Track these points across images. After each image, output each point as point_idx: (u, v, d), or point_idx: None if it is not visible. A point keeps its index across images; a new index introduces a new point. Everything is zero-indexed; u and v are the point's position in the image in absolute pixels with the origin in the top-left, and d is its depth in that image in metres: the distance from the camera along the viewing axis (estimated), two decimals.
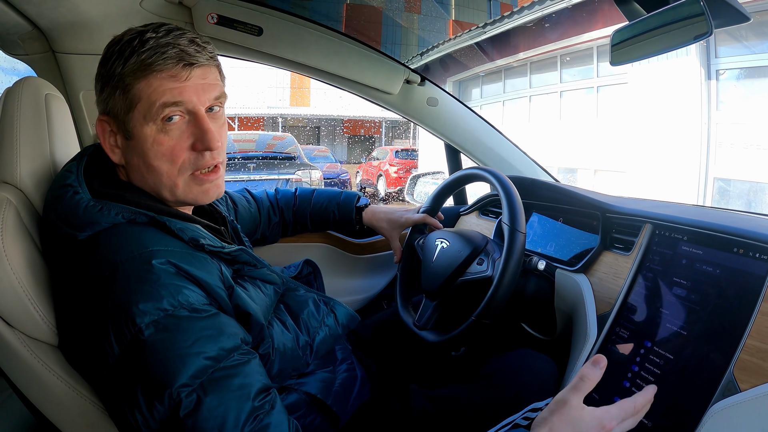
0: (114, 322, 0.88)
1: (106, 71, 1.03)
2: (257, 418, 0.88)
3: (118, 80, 1.01)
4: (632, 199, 1.60)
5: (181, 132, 1.05)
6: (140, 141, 1.03)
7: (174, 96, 1.02)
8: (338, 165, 15.94)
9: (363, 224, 1.86)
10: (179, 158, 1.05)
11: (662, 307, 1.11)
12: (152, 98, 1.01)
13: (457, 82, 14.88)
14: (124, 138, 1.05)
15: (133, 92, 1.01)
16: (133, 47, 1.00)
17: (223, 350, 0.91)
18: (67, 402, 1.00)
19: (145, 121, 1.02)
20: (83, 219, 0.98)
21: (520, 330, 1.70)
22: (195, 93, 1.04)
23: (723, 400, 0.89)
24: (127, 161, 1.08)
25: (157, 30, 1.02)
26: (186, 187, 1.09)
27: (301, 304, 1.26)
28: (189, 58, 1.03)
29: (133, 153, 1.05)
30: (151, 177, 1.07)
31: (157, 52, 1.00)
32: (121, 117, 1.03)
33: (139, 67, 1.00)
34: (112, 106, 1.03)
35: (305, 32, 1.99)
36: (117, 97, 1.02)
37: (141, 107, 1.02)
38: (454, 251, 1.48)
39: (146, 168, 1.06)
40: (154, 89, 1.01)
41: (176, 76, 1.02)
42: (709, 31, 1.16)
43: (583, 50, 10.34)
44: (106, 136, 1.06)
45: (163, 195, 1.09)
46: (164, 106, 1.01)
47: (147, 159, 1.04)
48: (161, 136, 1.03)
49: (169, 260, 0.94)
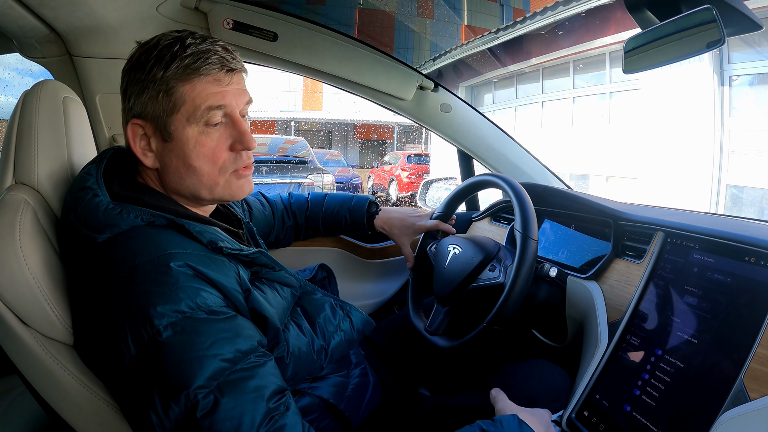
0: (131, 323, 0.89)
1: (143, 76, 1.04)
2: (273, 420, 0.88)
3: (160, 84, 1.03)
4: (644, 207, 1.60)
5: (221, 134, 1.09)
6: (182, 142, 1.07)
7: (218, 99, 1.06)
8: (350, 169, 16.00)
9: (375, 229, 1.86)
10: (219, 159, 1.09)
11: (673, 315, 1.11)
12: (197, 101, 1.05)
13: (469, 88, 14.86)
14: (162, 140, 1.07)
15: (176, 95, 1.04)
16: (173, 52, 1.03)
17: (239, 352, 0.92)
18: (81, 400, 1.02)
19: (188, 123, 1.06)
20: (102, 221, 0.99)
21: (531, 336, 1.70)
22: (234, 97, 1.09)
23: (732, 409, 0.89)
24: (164, 164, 1.09)
25: (193, 36, 1.06)
26: (226, 185, 1.13)
27: (317, 308, 1.27)
28: (229, 63, 1.08)
29: (172, 155, 1.08)
30: (190, 178, 1.09)
31: (201, 57, 1.04)
32: (162, 119, 1.05)
33: (184, 71, 1.03)
34: (151, 110, 1.05)
35: (320, 38, 2.00)
36: (159, 100, 1.04)
37: (185, 110, 1.05)
38: (467, 257, 1.48)
39: (186, 169, 1.08)
40: (198, 93, 1.05)
41: (219, 80, 1.07)
42: (722, 40, 1.16)
43: (596, 56, 10.31)
44: (138, 139, 1.08)
45: (200, 194, 1.12)
46: (209, 109, 1.06)
47: (188, 160, 1.07)
48: (203, 138, 1.07)
49: (187, 263, 0.95)
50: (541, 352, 1.65)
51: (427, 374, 1.62)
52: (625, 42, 1.40)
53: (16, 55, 1.87)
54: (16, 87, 5.25)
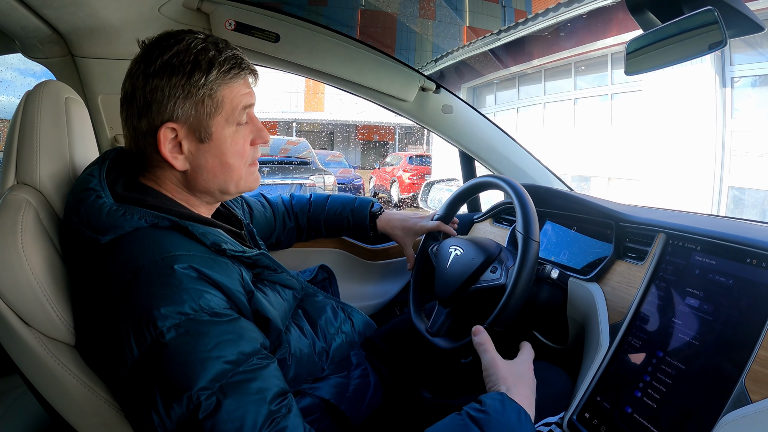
0: (134, 324, 0.89)
1: (185, 80, 1.06)
2: (274, 422, 0.89)
3: (204, 88, 1.07)
4: (646, 209, 1.60)
5: (246, 131, 1.17)
6: (221, 142, 1.12)
7: (249, 99, 1.15)
8: (352, 170, 15.97)
9: (377, 231, 1.86)
10: (245, 153, 1.17)
11: (675, 317, 1.11)
12: (235, 102, 1.12)
13: (471, 89, 14.85)
14: (199, 141, 1.10)
15: (217, 98, 1.09)
16: (210, 57, 1.08)
17: (242, 354, 0.92)
18: (82, 401, 1.02)
19: (227, 124, 1.12)
20: (106, 223, 0.99)
21: (533, 338, 1.69)
22: (254, 96, 1.18)
23: (734, 411, 0.89)
24: (197, 164, 1.12)
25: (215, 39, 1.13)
26: (247, 177, 1.19)
27: (319, 310, 1.27)
28: (251, 66, 1.16)
29: (208, 155, 1.12)
30: (224, 174, 1.15)
31: (235, 64, 1.11)
32: (204, 121, 1.09)
33: (225, 75, 1.10)
34: (192, 113, 1.08)
35: (322, 39, 2.00)
36: (204, 104, 1.08)
37: (225, 112, 1.11)
38: (468, 259, 1.48)
39: (221, 166, 1.14)
40: (235, 95, 1.12)
41: (248, 82, 1.17)
42: (724, 41, 1.16)
43: (598, 57, 10.30)
44: (168, 143, 1.08)
45: (228, 189, 1.17)
46: (244, 108, 1.14)
47: (225, 158, 1.13)
48: (236, 136, 1.14)
49: (191, 265, 0.95)
50: (542, 354, 1.65)
51: (428, 376, 1.62)
52: (627, 43, 1.40)
53: (18, 55, 1.87)
54: (18, 87, 5.24)
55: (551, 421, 1.19)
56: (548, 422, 1.20)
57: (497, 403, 1.04)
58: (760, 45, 7.44)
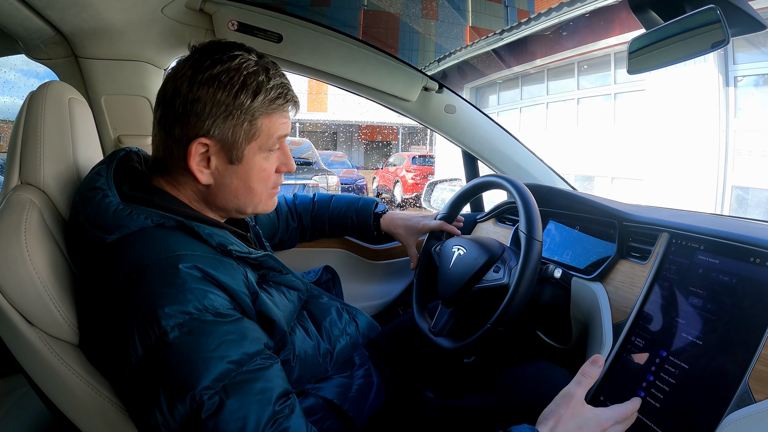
0: (139, 323, 0.90)
1: (229, 100, 1.05)
2: (277, 422, 0.89)
3: (246, 113, 1.07)
4: (649, 208, 1.59)
5: (274, 158, 1.18)
6: (249, 167, 1.13)
7: (285, 130, 1.16)
8: (355, 170, 15.96)
9: (381, 230, 1.86)
10: (270, 180, 1.19)
11: (678, 316, 1.11)
12: (272, 131, 1.12)
13: (474, 89, 14.85)
14: (228, 162, 1.10)
15: (257, 125, 1.09)
16: (259, 82, 1.08)
17: (246, 354, 0.92)
18: (86, 400, 1.02)
19: (259, 151, 1.13)
20: (112, 222, 1.00)
21: (536, 338, 1.69)
22: (290, 126, 1.19)
23: (737, 411, 0.89)
24: (221, 183, 1.12)
25: (268, 64, 1.13)
26: (266, 201, 1.21)
27: (324, 312, 1.27)
28: (295, 98, 1.17)
29: (235, 176, 1.12)
30: (245, 197, 1.16)
31: (281, 94, 1.12)
32: (238, 144, 1.09)
33: (269, 105, 1.10)
34: (230, 134, 1.08)
35: (324, 39, 2.00)
36: (242, 128, 1.08)
37: (261, 139, 1.11)
38: (471, 258, 1.48)
39: (245, 190, 1.15)
40: (273, 124, 1.12)
41: (287, 113, 1.16)
42: (726, 40, 1.16)
43: (601, 57, 10.30)
44: (198, 157, 1.08)
45: (246, 210, 1.19)
46: (279, 138, 1.15)
47: (250, 182, 1.14)
48: (265, 164, 1.15)
49: (195, 265, 0.95)
50: (545, 354, 1.65)
51: (431, 375, 1.62)
52: (630, 42, 1.40)
53: (21, 56, 1.88)
54: (21, 88, 5.26)
55: None
56: None
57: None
58: (763, 44, 7.44)
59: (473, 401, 1.35)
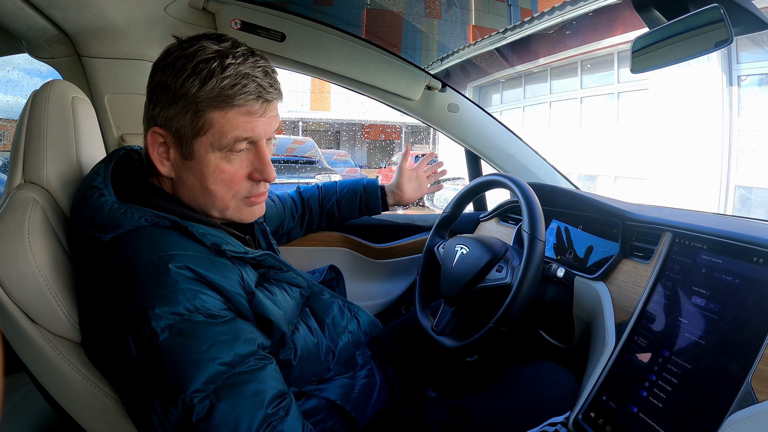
0: (132, 324, 0.90)
1: (176, 86, 1.01)
2: (271, 425, 0.89)
3: (191, 102, 1.01)
4: (652, 207, 1.59)
5: (242, 161, 1.09)
6: (202, 165, 1.06)
7: (247, 131, 1.05)
8: (358, 169, 15.95)
9: (387, 203, 1.95)
10: (236, 185, 1.09)
11: (681, 316, 1.11)
12: (225, 130, 1.03)
13: (477, 88, 14.84)
14: (182, 157, 1.06)
15: (205, 119, 1.02)
16: (211, 69, 1.00)
17: (238, 356, 0.92)
18: (88, 398, 1.03)
19: (211, 149, 1.05)
20: (107, 221, 1.00)
21: (538, 337, 1.69)
22: (264, 127, 1.08)
23: (740, 411, 0.88)
24: (180, 177, 1.09)
25: (234, 53, 1.03)
26: (236, 208, 1.13)
27: (326, 309, 1.27)
28: (266, 94, 1.05)
29: (190, 173, 1.07)
30: (203, 197, 1.09)
31: (238, 84, 1.01)
32: (186, 138, 1.04)
33: (218, 95, 1.00)
34: (176, 124, 1.03)
35: (327, 38, 2.01)
36: (186, 118, 1.02)
37: (211, 135, 1.03)
38: (474, 258, 1.48)
39: (201, 189, 1.08)
40: (228, 121, 1.02)
41: (252, 111, 1.05)
42: (729, 39, 1.15)
43: (604, 56, 10.28)
44: (157, 146, 1.06)
45: (211, 213, 1.12)
46: (236, 140, 1.04)
47: (205, 182, 1.07)
48: (224, 164, 1.06)
49: (186, 265, 0.95)
50: (548, 353, 1.64)
51: (433, 375, 1.62)
52: (633, 41, 1.40)
53: (25, 55, 1.88)
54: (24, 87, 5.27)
55: (557, 421, 1.19)
56: (554, 422, 1.19)
57: None
58: (766, 43, 7.41)
59: (474, 401, 1.35)
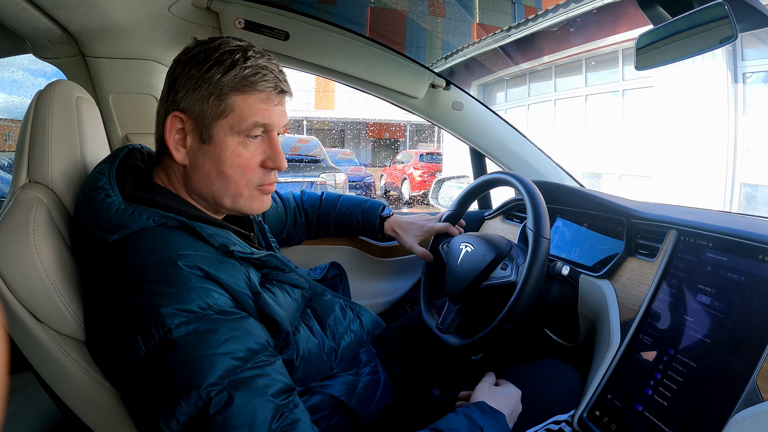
0: (141, 323, 0.90)
1: (200, 74, 1.07)
2: (283, 416, 0.89)
3: (215, 86, 1.06)
4: (657, 205, 1.58)
5: (256, 148, 1.13)
6: (220, 148, 1.09)
7: (264, 117, 1.10)
8: (363, 168, 15.97)
9: (384, 234, 1.87)
10: (250, 171, 1.12)
11: (686, 314, 1.10)
12: (245, 114, 1.08)
13: (481, 86, 14.83)
14: (200, 141, 1.09)
15: (227, 102, 1.07)
16: (234, 59, 1.07)
17: (250, 351, 0.92)
18: (93, 396, 1.03)
19: (231, 132, 1.09)
20: (114, 222, 1.00)
21: (543, 336, 1.69)
22: (278, 117, 1.13)
23: (745, 410, 0.88)
24: (195, 163, 1.11)
25: (253, 48, 1.11)
26: (249, 197, 1.15)
27: (327, 310, 1.27)
28: (282, 84, 1.13)
29: (207, 157, 1.10)
30: (219, 183, 1.12)
31: (259, 73, 1.08)
32: (207, 121, 1.08)
33: (241, 81, 1.07)
34: (198, 108, 1.08)
35: (331, 37, 2.00)
36: (210, 102, 1.07)
37: (231, 118, 1.08)
38: (479, 256, 1.48)
39: (217, 174, 1.11)
40: (248, 106, 1.08)
41: (270, 99, 1.11)
42: (734, 35, 1.15)
43: (609, 53, 10.26)
44: (174, 132, 1.09)
45: (223, 201, 1.14)
46: (255, 125, 1.09)
47: (221, 166, 1.10)
48: (241, 149, 1.10)
49: (197, 265, 0.95)
50: (552, 352, 1.64)
51: (438, 373, 1.62)
52: (637, 38, 1.40)
53: (29, 55, 1.89)
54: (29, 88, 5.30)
55: (561, 419, 1.19)
56: (558, 420, 1.19)
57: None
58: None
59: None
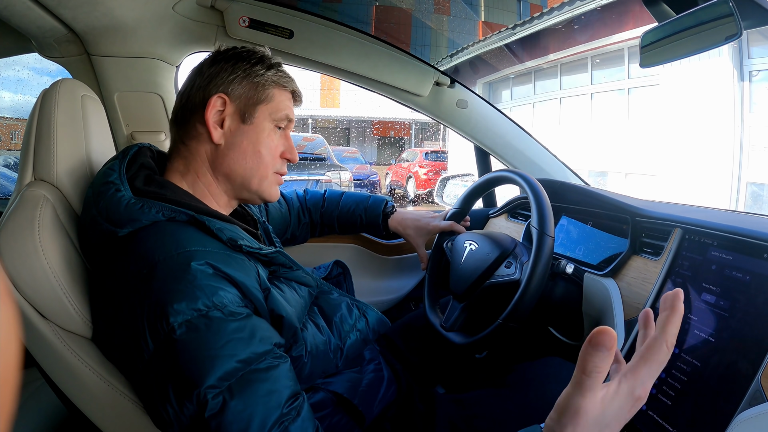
0: (150, 319, 0.90)
1: (248, 67, 1.20)
2: (283, 425, 0.89)
3: (259, 77, 1.20)
4: (662, 204, 1.58)
5: (279, 138, 1.26)
6: (259, 129, 1.21)
7: (290, 112, 1.26)
8: (368, 166, 15.94)
9: (389, 230, 1.87)
10: (275, 157, 1.25)
11: (691, 313, 1.10)
12: (280, 106, 1.23)
13: (486, 84, 14.81)
14: (241, 121, 1.18)
15: (268, 92, 1.21)
16: (272, 63, 1.23)
17: (254, 353, 0.92)
18: (99, 393, 1.03)
19: (269, 117, 1.22)
20: (124, 216, 1.01)
21: (547, 334, 1.69)
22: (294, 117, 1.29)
23: (749, 409, 0.88)
24: (232, 143, 1.18)
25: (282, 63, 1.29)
26: (269, 182, 1.25)
27: (334, 308, 1.28)
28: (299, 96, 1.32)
29: (245, 136, 1.19)
30: (253, 161, 1.20)
31: (289, 78, 1.27)
32: (250, 103, 1.19)
33: (280, 78, 1.23)
34: (244, 93, 1.19)
35: (336, 35, 2.01)
36: (256, 89, 1.20)
37: (271, 106, 1.22)
38: (483, 254, 1.47)
39: (253, 152, 1.21)
40: (282, 99, 1.24)
41: (293, 99, 1.30)
42: (739, 32, 1.15)
43: (614, 51, 10.24)
44: (214, 113, 1.15)
45: (250, 183, 1.22)
46: (285, 117, 1.25)
47: (258, 145, 1.21)
48: (273, 135, 1.24)
49: (207, 261, 0.96)
50: (556, 350, 1.64)
51: (442, 371, 1.62)
52: (642, 36, 1.39)
53: (34, 54, 1.90)
54: (34, 86, 5.31)
55: None
56: None
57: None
58: None
59: (483, 396, 1.35)
